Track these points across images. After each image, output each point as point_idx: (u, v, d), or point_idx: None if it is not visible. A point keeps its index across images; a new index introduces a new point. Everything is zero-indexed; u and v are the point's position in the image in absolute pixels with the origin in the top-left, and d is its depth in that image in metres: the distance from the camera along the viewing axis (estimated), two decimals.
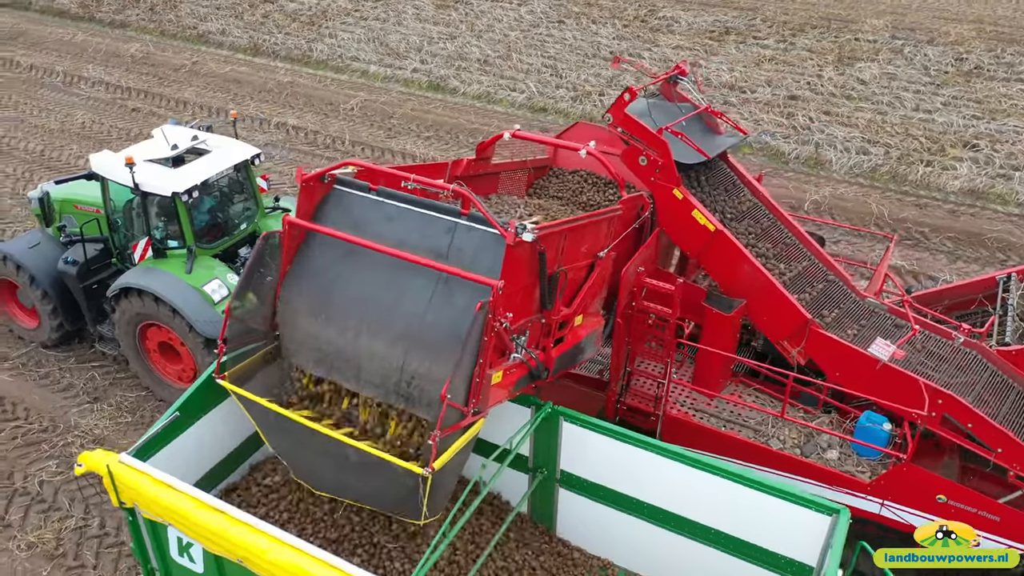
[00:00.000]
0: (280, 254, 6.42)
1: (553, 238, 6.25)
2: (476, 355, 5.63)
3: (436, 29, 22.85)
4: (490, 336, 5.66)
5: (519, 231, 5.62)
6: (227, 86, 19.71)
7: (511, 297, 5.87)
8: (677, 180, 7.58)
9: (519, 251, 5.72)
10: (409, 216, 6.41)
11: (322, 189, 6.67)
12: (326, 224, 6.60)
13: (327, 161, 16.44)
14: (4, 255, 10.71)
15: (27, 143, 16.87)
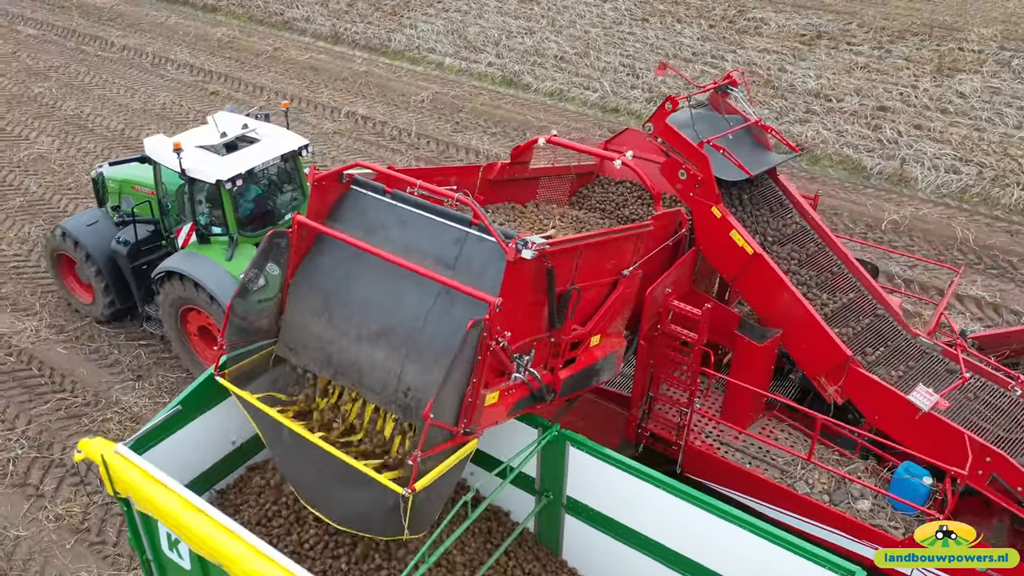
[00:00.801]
0: (288, 253, 6.31)
1: (566, 254, 5.92)
2: (468, 374, 5.38)
3: (516, 23, 22.61)
4: (484, 355, 5.39)
5: (519, 247, 5.32)
6: (304, 73, 19.98)
7: (512, 314, 5.59)
8: (716, 197, 7.12)
9: (521, 267, 5.42)
10: (421, 222, 6.21)
11: (339, 188, 6.54)
12: (340, 224, 6.47)
13: (391, 153, 16.46)
14: (64, 231, 11.07)
15: (110, 121, 17.49)
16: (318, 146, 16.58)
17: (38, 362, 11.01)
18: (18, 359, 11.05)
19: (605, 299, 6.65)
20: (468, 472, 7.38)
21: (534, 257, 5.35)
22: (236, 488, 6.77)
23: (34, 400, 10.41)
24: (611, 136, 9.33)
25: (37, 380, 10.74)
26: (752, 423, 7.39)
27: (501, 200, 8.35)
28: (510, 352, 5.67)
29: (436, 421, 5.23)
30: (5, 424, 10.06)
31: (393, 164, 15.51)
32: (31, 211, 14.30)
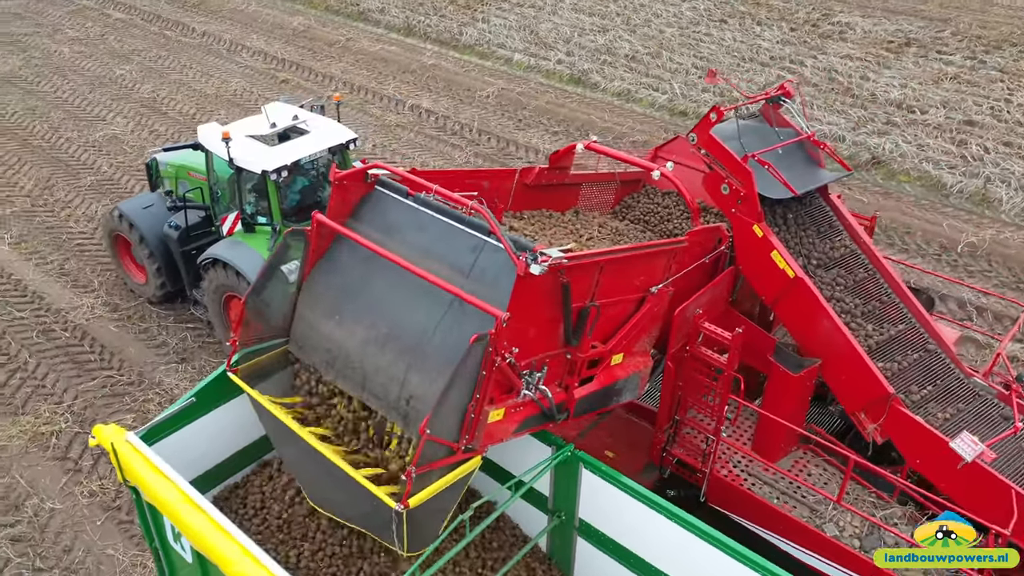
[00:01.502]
0: (306, 251, 6.24)
1: (584, 270, 5.66)
2: (471, 389, 5.20)
3: (590, 20, 22.24)
4: (489, 370, 5.20)
5: (529, 261, 5.10)
6: (374, 64, 20.09)
7: (522, 330, 5.38)
8: (759, 215, 6.73)
9: (532, 282, 5.19)
10: (440, 227, 6.06)
11: (361, 188, 6.44)
12: (361, 224, 6.38)
13: (451, 148, 16.39)
14: (121, 213, 11.35)
15: (183, 105, 17.94)
16: (380, 138, 16.67)
17: (90, 339, 11.33)
18: (72, 334, 11.40)
19: (631, 316, 6.37)
20: (481, 482, 7.23)
21: (543, 273, 5.12)
22: (245, 486, 6.74)
23: (82, 376, 10.71)
24: (662, 143, 9.00)
25: (87, 356, 11.05)
26: (784, 456, 6.98)
27: (539, 207, 8.11)
28: (518, 368, 5.45)
29: (433, 436, 5.07)
30: (54, 397, 10.38)
31: (442, 161, 15.41)
32: (100, 190, 14.77)
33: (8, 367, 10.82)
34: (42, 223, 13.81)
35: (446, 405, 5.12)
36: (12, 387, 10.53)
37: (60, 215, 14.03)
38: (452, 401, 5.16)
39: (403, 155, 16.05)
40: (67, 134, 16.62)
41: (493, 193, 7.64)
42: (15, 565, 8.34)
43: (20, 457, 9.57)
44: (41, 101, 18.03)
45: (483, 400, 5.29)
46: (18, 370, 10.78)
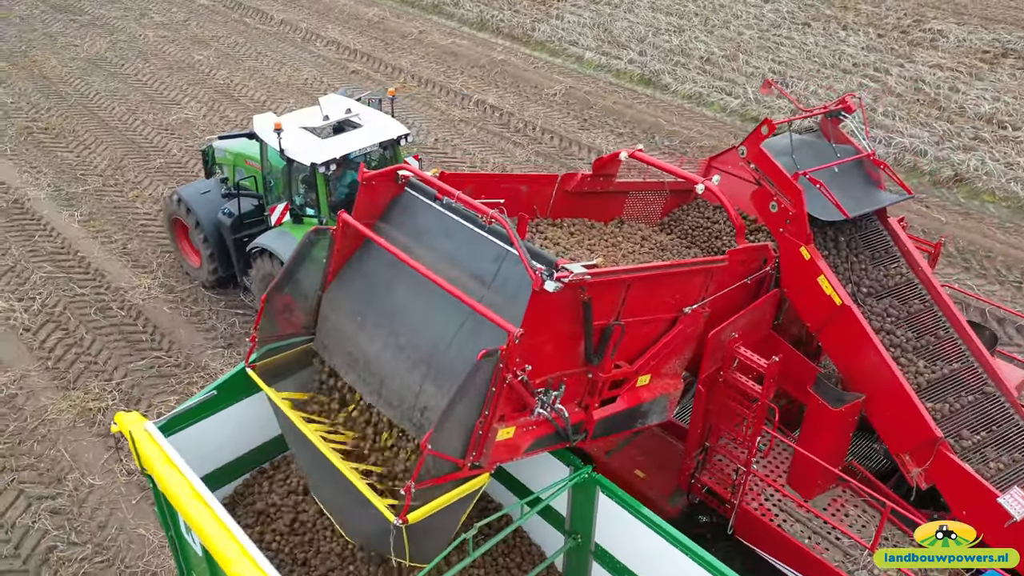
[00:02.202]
0: (330, 251, 6.15)
1: (608, 287, 5.41)
2: (479, 405, 5.03)
3: (666, 20, 21.73)
4: (499, 387, 5.01)
5: (544, 277, 4.87)
6: (444, 58, 20.07)
7: (538, 347, 5.17)
8: (807, 237, 6.34)
9: (548, 297, 4.96)
10: (465, 234, 5.90)
11: (391, 189, 6.32)
12: (390, 226, 6.28)
13: (512, 145, 16.21)
14: (179, 197, 11.58)
15: (254, 92, 18.26)
16: (442, 133, 16.62)
17: (144, 319, 11.60)
18: (127, 313, 11.69)
19: (661, 336, 6.08)
20: (501, 495, 7.06)
21: (558, 290, 4.89)
22: (262, 483, 6.72)
23: (133, 355, 10.97)
24: (719, 152, 8.61)
25: (140, 336, 11.31)
26: (820, 493, 6.58)
27: (580, 215, 7.84)
28: (532, 386, 5.24)
29: (436, 451, 4.91)
30: (104, 375, 10.65)
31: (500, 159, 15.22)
32: (168, 173, 15.14)
33: (65, 342, 11.17)
34: (111, 202, 14.24)
35: (451, 420, 4.96)
36: (67, 362, 10.86)
37: (128, 195, 14.44)
38: (458, 417, 5.00)
39: (464, 151, 15.96)
40: (143, 116, 17.11)
41: (532, 199, 7.43)
42: (51, 537, 8.57)
43: (68, 431, 9.84)
44: (123, 83, 18.62)
45: (492, 417, 5.11)
46: (74, 345, 11.11)
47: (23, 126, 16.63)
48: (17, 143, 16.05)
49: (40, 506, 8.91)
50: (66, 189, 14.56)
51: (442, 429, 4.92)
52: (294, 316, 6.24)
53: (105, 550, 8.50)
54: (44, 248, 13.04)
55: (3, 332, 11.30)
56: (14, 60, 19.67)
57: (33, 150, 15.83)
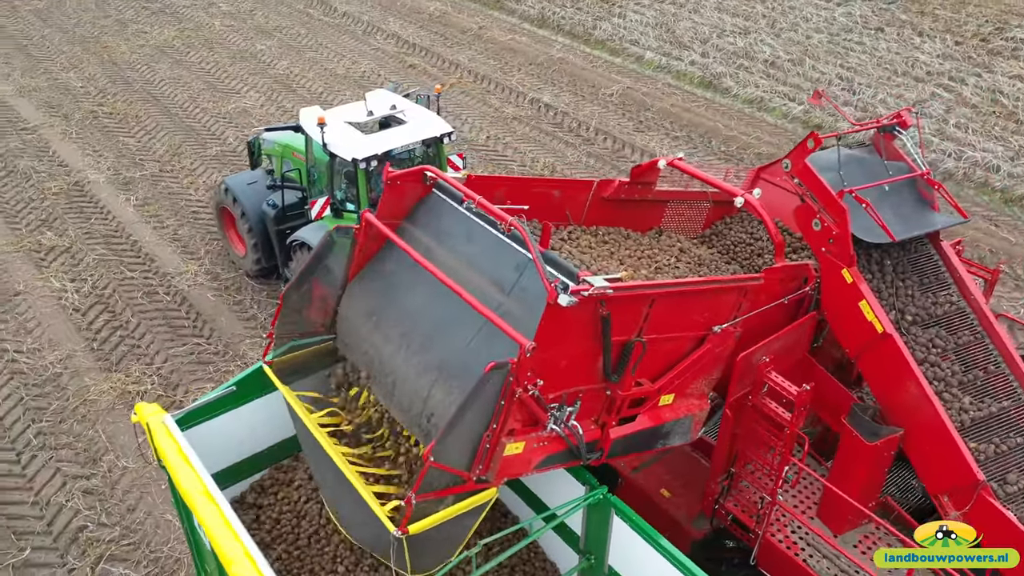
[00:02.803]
0: (351, 249, 6.07)
1: (630, 302, 5.18)
2: (487, 418, 4.88)
3: (732, 21, 21.17)
4: (509, 401, 4.85)
5: (559, 290, 4.69)
6: (502, 54, 19.93)
7: (552, 360, 4.99)
8: (850, 258, 6.00)
9: (563, 311, 4.77)
10: (488, 239, 5.75)
11: (417, 189, 6.21)
12: (416, 226, 6.17)
13: (564, 145, 16.00)
14: (227, 186, 11.72)
15: (312, 83, 18.43)
16: (494, 130, 16.49)
17: (188, 305, 11.78)
18: (172, 299, 11.89)
19: (687, 355, 5.84)
20: (517, 507, 6.92)
21: (572, 305, 4.69)
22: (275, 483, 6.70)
23: (175, 340, 11.14)
24: (767, 163, 8.27)
25: (182, 322, 11.49)
26: (851, 529, 6.23)
27: (617, 223, 7.59)
28: (544, 401, 5.06)
29: (439, 464, 4.78)
30: (146, 359, 10.85)
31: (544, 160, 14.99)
32: (222, 161, 15.37)
33: (112, 324, 11.41)
34: (165, 188, 14.52)
35: (457, 432, 4.82)
36: (111, 344, 11.09)
37: (183, 182, 14.70)
38: (465, 428, 4.85)
39: (515, 149, 15.81)
40: (203, 104, 17.42)
41: (565, 205, 7.24)
42: (82, 517, 8.75)
43: (107, 412, 10.04)
44: (187, 71, 19.00)
45: (500, 431, 4.95)
46: (120, 328, 11.34)
47: (89, 110, 17.10)
48: (83, 126, 16.51)
49: (75, 485, 9.11)
50: (124, 173, 14.91)
51: (447, 440, 4.79)
52: (313, 314, 6.18)
53: (132, 533, 8.64)
54: (99, 230, 13.36)
55: (54, 311, 11.61)
56: (87, 46, 20.26)
57: (97, 134, 16.26)
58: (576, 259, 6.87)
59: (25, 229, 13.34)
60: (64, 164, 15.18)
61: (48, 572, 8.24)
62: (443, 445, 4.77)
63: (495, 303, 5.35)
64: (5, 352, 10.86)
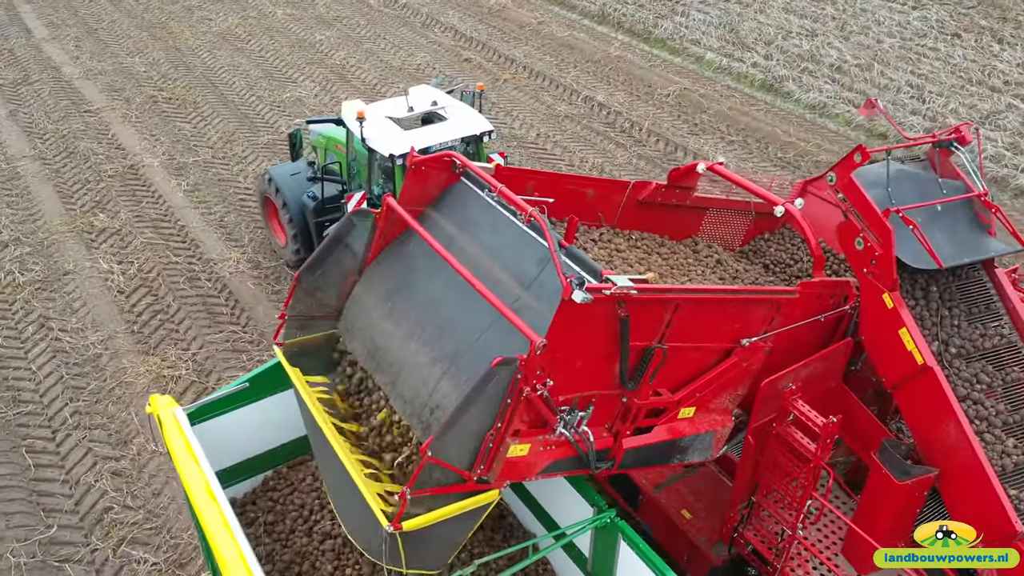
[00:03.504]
0: (370, 233, 5.96)
1: (651, 306, 4.93)
2: (490, 416, 4.70)
3: (799, 22, 20.47)
4: (515, 400, 4.66)
5: (574, 286, 4.47)
6: (559, 51, 19.66)
7: (564, 361, 4.79)
8: (892, 282, 5.61)
9: (578, 309, 4.55)
10: (513, 231, 5.59)
11: (444, 177, 6.07)
12: (441, 213, 6.04)
13: (614, 146, 15.68)
14: (270, 176, 11.77)
15: (367, 74, 18.46)
16: (544, 127, 16.26)
17: (228, 292, 11.88)
18: (213, 285, 12.01)
19: (712, 367, 5.55)
20: (529, 521, 6.73)
21: (586, 302, 4.47)
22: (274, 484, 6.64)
23: (212, 327, 11.24)
24: (816, 175, 7.87)
25: (221, 309, 11.59)
26: (876, 571, 5.85)
27: (651, 228, 7.31)
28: (553, 403, 4.85)
29: (437, 459, 4.62)
30: (183, 344, 10.97)
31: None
32: (273, 149, 15.49)
33: (153, 307, 11.58)
34: (216, 175, 14.70)
35: (458, 428, 4.65)
36: (151, 327, 11.25)
37: (233, 169, 14.87)
38: (466, 425, 4.68)
39: (564, 148, 15.55)
40: (259, 92, 17.60)
41: (597, 205, 7.00)
42: (109, 498, 8.87)
43: (141, 395, 10.18)
44: (246, 59, 19.24)
45: (505, 430, 4.76)
46: (160, 312, 11.50)
47: (150, 95, 17.44)
48: (142, 111, 16.84)
49: (104, 466, 9.25)
50: (178, 158, 15.15)
51: (447, 436, 4.63)
52: (327, 298, 6.10)
53: (155, 517, 8.73)
54: (149, 214, 13.60)
55: (100, 292, 11.84)
56: (153, 31, 20.68)
57: (155, 118, 16.57)
58: (604, 261, 6.63)
59: (79, 210, 13.66)
60: (121, 147, 15.51)
61: (72, 551, 8.37)
62: (442, 441, 4.62)
63: (513, 296, 5.19)
64: (50, 331, 11.12)
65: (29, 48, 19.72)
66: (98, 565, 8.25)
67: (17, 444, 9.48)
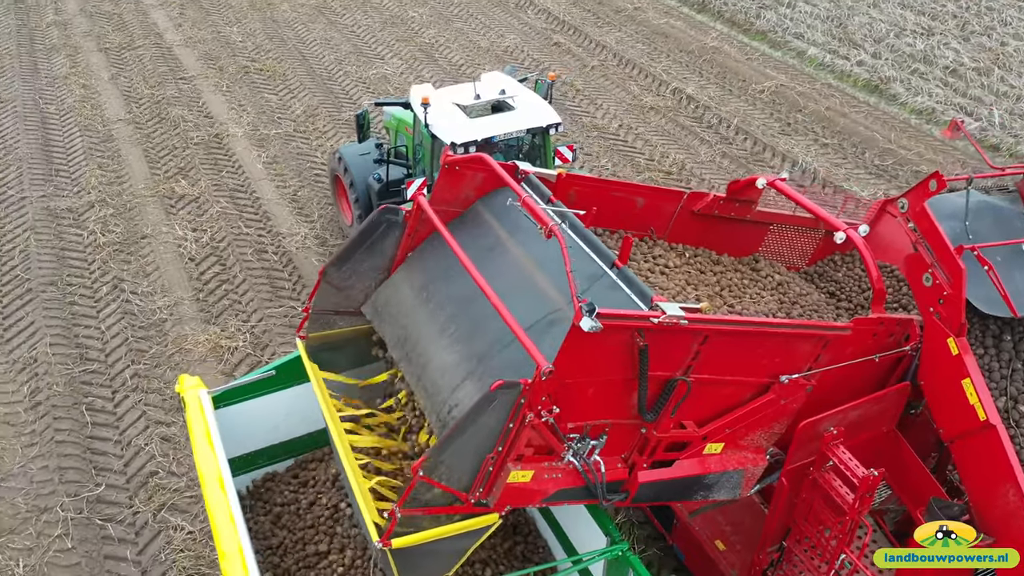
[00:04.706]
0: (399, 232, 5.80)
1: (677, 336, 4.58)
2: (490, 439, 4.50)
3: (915, 20, 19.15)
4: (518, 425, 4.42)
5: (584, 313, 4.18)
6: (652, 38, 19.03)
7: (574, 388, 4.54)
8: (960, 327, 5.07)
9: (589, 337, 4.26)
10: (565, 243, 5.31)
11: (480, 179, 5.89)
12: (493, 214, 5.85)
13: (698, 142, 15.06)
14: (340, 155, 11.79)
15: (454, 55, 18.33)
16: (628, 119, 15.77)
17: (292, 267, 12.01)
18: (279, 259, 12.17)
19: (746, 402, 5.17)
20: (548, 534, 6.50)
21: (596, 330, 4.18)
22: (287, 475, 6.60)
23: (273, 301, 11.39)
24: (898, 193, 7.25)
25: (283, 283, 11.73)
26: None
27: (707, 244, 6.88)
28: (561, 431, 4.60)
29: (430, 479, 4.45)
30: (243, 315, 11.15)
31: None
32: (352, 126, 15.53)
33: (220, 277, 11.82)
34: (295, 148, 14.89)
35: (455, 448, 4.47)
36: (216, 296, 11.49)
37: (313, 144, 15.02)
38: (464, 446, 4.50)
39: (645, 141, 15.04)
40: (347, 68, 17.72)
41: (647, 216, 6.64)
42: (155, 463, 9.10)
43: (199, 363, 10.41)
44: (338, 33, 19.40)
45: (506, 455, 4.55)
46: (226, 282, 11.73)
47: (242, 65, 17.81)
48: (233, 80, 17.22)
49: (155, 431, 9.50)
50: (261, 130, 15.42)
51: (442, 456, 4.47)
52: (352, 295, 6.00)
53: (197, 487, 8.87)
54: (227, 183, 13.89)
55: (173, 258, 12.16)
56: (253, 1, 21.10)
57: (244, 88, 16.91)
58: (652, 281, 6.28)
59: (163, 175, 14.07)
60: (209, 116, 15.90)
61: (115, 511, 8.63)
62: (436, 460, 4.46)
63: (552, 306, 4.98)
64: (122, 292, 11.49)
65: (137, 14, 20.45)
66: (138, 527, 8.48)
67: (79, 401, 9.84)
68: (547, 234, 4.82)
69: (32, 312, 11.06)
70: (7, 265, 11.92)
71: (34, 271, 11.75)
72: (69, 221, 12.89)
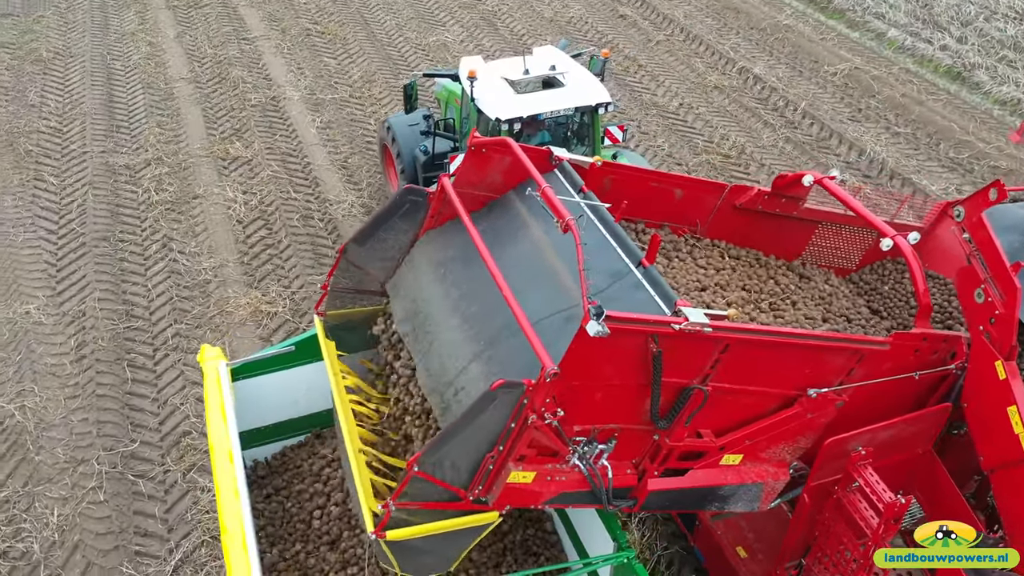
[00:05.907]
0: (423, 212, 5.65)
1: (695, 343, 4.34)
2: (490, 437, 4.35)
3: (1008, 1, 17.97)
4: (519, 426, 4.27)
5: (592, 315, 3.98)
6: (723, 13, 18.32)
7: (581, 391, 4.35)
8: (1011, 350, 4.70)
9: (596, 340, 4.06)
10: (594, 236, 5.17)
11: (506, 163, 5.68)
12: (519, 199, 5.68)
13: (761, 125, 14.49)
14: (389, 124, 11.69)
15: (516, 24, 17.97)
16: (689, 98, 15.25)
17: (336, 234, 12.01)
18: (325, 226, 12.18)
19: (770, 414, 4.90)
20: (562, 530, 6.35)
21: (601, 335, 3.97)
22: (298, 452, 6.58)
23: (315, 268, 11.42)
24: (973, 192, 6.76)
25: (327, 251, 11.74)
26: None
27: (750, 242, 6.55)
28: (565, 434, 4.42)
29: (427, 475, 4.33)
30: (285, 281, 11.22)
31: None
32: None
33: (265, 240, 11.90)
34: (350, 115, 14.84)
35: (453, 445, 4.34)
36: (260, 260, 11.57)
37: (367, 110, 14.95)
38: (464, 443, 4.36)
39: (705, 122, 14.52)
40: (407, 34, 17.55)
41: (686, 209, 6.34)
42: (188, 423, 9.26)
43: (238, 326, 10.52)
44: None
45: (507, 455, 4.40)
46: (271, 246, 11.80)
47: (304, 27, 17.80)
48: (294, 43, 17.22)
49: (191, 391, 9.64)
50: (318, 94, 15.41)
51: (439, 452, 4.34)
52: (372, 274, 5.90)
53: None
54: (280, 147, 13.94)
55: (221, 220, 12.29)
56: None
57: (305, 51, 16.91)
58: (685, 280, 6.01)
59: (219, 136, 14.20)
60: (268, 78, 15.95)
61: (147, 467, 8.81)
62: (434, 456, 4.34)
63: (568, 303, 4.80)
64: (171, 251, 11.67)
65: None
66: (168, 486, 8.65)
67: (121, 356, 10.06)
68: (563, 228, 4.60)
69: (84, 267, 11.33)
70: (65, 219, 12.22)
71: (89, 226, 12.01)
72: (126, 178, 13.13)
